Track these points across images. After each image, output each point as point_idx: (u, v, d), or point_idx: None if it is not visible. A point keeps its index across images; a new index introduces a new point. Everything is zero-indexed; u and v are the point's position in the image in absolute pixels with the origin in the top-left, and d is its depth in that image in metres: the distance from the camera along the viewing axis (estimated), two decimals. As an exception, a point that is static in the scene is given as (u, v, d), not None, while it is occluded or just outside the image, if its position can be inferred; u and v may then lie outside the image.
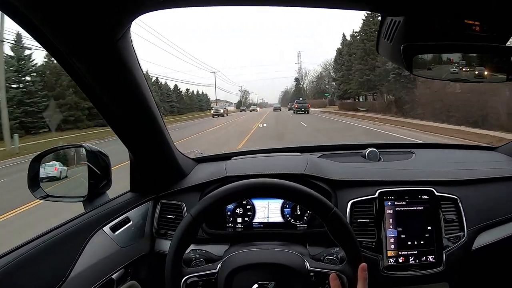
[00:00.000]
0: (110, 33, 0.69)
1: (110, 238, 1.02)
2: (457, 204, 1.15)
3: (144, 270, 1.15)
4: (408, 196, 1.14)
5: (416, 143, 1.84)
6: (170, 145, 1.18)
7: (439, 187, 1.16)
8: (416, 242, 1.10)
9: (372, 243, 1.11)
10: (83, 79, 0.80)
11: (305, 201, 0.83)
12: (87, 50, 0.72)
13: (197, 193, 1.24)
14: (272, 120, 22.54)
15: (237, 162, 1.40)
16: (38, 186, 1.08)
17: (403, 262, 1.09)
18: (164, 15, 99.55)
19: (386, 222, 1.12)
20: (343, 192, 1.19)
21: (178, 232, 0.82)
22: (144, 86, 0.91)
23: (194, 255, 0.96)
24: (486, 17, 0.64)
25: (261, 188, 0.84)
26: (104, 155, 1.13)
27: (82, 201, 1.09)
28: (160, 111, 1.06)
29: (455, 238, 1.12)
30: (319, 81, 52.92)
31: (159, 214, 1.24)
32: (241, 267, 0.87)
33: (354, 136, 11.41)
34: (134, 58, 0.82)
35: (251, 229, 1.22)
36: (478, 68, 0.70)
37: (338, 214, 0.82)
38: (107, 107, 0.91)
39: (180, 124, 25.12)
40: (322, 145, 1.68)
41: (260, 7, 1.94)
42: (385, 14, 0.69)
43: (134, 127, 1.02)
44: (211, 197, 0.83)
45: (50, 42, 0.69)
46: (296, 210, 1.21)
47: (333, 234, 0.83)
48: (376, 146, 1.49)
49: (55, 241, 0.86)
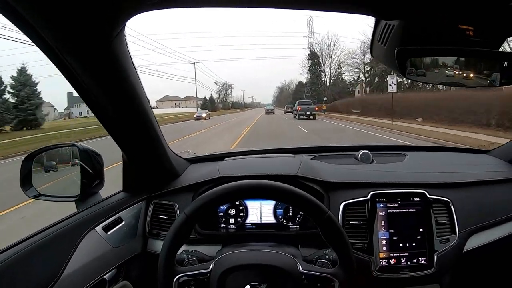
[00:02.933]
0: (105, 32, 0.68)
1: (102, 238, 1.01)
2: (449, 207, 1.16)
3: (136, 270, 1.14)
4: (400, 198, 1.15)
5: (409, 146, 1.85)
6: (163, 145, 1.17)
7: (431, 190, 1.17)
8: (408, 244, 1.11)
9: (364, 245, 1.12)
10: (76, 78, 0.79)
11: (300, 203, 0.84)
12: (81, 49, 0.71)
13: (190, 193, 1.24)
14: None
15: (231, 162, 1.40)
16: (31, 185, 1.07)
17: (395, 263, 1.10)
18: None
19: (378, 224, 1.12)
20: (335, 194, 1.19)
21: (171, 231, 0.82)
22: (138, 86, 0.90)
23: (187, 256, 0.96)
24: (479, 23, 0.64)
25: (255, 189, 0.84)
26: (97, 155, 1.12)
27: (75, 201, 1.09)
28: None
29: (446, 240, 1.13)
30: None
31: (151, 214, 1.24)
32: (234, 268, 0.87)
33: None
34: (128, 57, 0.82)
35: (244, 230, 1.22)
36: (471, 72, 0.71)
37: (332, 218, 0.83)
38: (101, 106, 0.90)
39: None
40: (315, 147, 1.69)
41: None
42: (379, 18, 0.69)
43: (128, 127, 1.01)
44: (205, 197, 0.83)
45: (42, 39, 0.68)
46: (289, 211, 1.22)
47: (327, 237, 0.83)
48: (369, 148, 1.50)
49: (47, 241, 0.85)
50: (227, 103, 66.69)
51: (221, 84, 63.90)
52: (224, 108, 61.59)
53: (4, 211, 4.37)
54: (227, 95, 67.54)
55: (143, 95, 0.94)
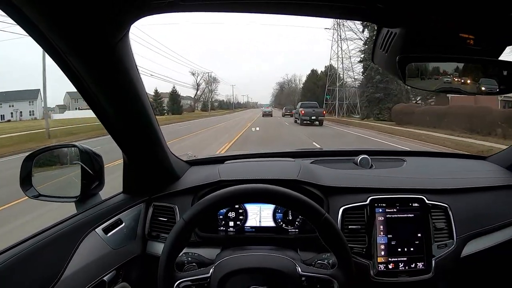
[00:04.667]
0: (110, 35, 0.69)
1: (102, 239, 1.01)
2: (447, 212, 1.17)
3: (135, 272, 1.14)
4: (399, 203, 1.15)
5: (408, 151, 1.86)
6: (164, 147, 1.17)
7: (430, 195, 1.18)
8: (406, 249, 1.12)
9: (362, 249, 1.12)
10: (79, 79, 0.80)
11: (297, 207, 0.85)
12: (85, 51, 0.72)
13: (190, 196, 1.24)
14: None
15: (231, 166, 1.40)
16: (30, 186, 1.06)
17: (393, 268, 1.11)
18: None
19: (377, 228, 1.13)
20: (335, 198, 1.20)
21: (170, 237, 0.82)
22: (141, 89, 0.91)
23: (186, 259, 0.96)
24: (480, 32, 0.65)
25: (254, 194, 0.85)
26: (97, 155, 1.12)
27: (75, 202, 1.08)
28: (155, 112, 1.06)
29: (444, 245, 1.14)
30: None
31: (151, 216, 1.24)
32: (234, 272, 0.87)
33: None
34: (132, 60, 0.82)
35: (243, 233, 1.22)
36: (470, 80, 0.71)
37: (329, 220, 0.83)
38: (103, 108, 0.91)
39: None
40: (315, 151, 1.70)
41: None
42: (381, 25, 0.70)
43: (129, 129, 1.01)
44: (204, 202, 0.83)
45: (46, 40, 0.68)
46: (288, 215, 1.22)
47: (325, 239, 0.84)
48: (368, 153, 1.50)
49: (47, 242, 0.85)
50: (207, 102, 49.27)
51: (200, 75, 46.04)
52: (205, 109, 46.42)
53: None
54: (211, 92, 50.24)
55: (145, 97, 0.94)
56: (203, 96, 49.68)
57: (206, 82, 47.90)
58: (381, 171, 1.40)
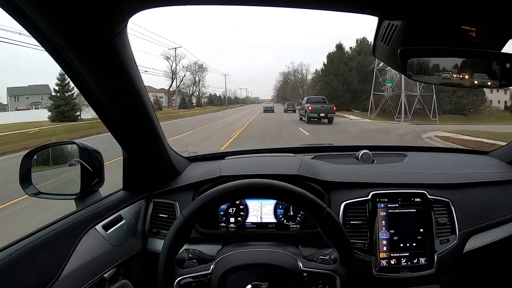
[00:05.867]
0: (108, 29, 0.68)
1: (102, 236, 1.01)
2: (449, 207, 1.17)
3: (136, 269, 1.14)
4: (401, 198, 1.15)
5: (409, 146, 1.85)
6: (164, 143, 1.17)
7: (432, 190, 1.17)
8: (408, 244, 1.11)
9: (364, 245, 1.12)
10: (78, 74, 0.79)
11: (298, 201, 0.84)
12: (82, 46, 0.71)
13: (191, 192, 1.24)
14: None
15: (231, 161, 1.40)
16: (30, 183, 1.06)
17: (395, 264, 1.10)
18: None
19: (379, 224, 1.12)
20: (336, 193, 1.19)
21: (170, 234, 0.82)
22: (139, 84, 0.90)
23: (187, 255, 0.96)
24: (482, 24, 0.64)
25: (254, 188, 0.84)
26: (97, 153, 1.12)
27: (74, 199, 1.08)
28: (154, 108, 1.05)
29: (446, 240, 1.13)
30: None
31: (151, 213, 1.23)
32: (234, 268, 0.87)
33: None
34: (130, 55, 0.81)
35: (244, 229, 1.22)
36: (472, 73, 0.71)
37: (331, 214, 0.83)
38: (101, 104, 0.90)
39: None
40: (316, 146, 1.69)
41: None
42: (382, 18, 0.69)
43: (128, 125, 1.01)
44: (203, 197, 0.83)
45: (43, 35, 0.67)
46: (289, 210, 1.22)
47: (326, 234, 0.83)
48: (370, 148, 1.50)
49: (47, 239, 0.85)
50: (186, 97, 38.68)
51: (177, 58, 35.65)
52: (185, 106, 36.35)
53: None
54: (197, 84, 40.74)
55: (144, 92, 0.94)
56: (188, 89, 40.46)
57: (187, 69, 38.78)
58: (382, 166, 1.40)
